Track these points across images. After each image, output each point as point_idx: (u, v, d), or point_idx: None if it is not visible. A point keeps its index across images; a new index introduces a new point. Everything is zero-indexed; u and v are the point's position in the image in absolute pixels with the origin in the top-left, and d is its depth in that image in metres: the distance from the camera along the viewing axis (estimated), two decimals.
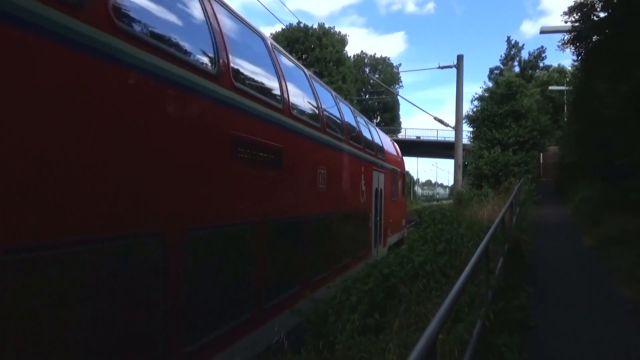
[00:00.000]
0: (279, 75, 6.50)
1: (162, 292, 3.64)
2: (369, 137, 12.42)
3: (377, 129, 15.43)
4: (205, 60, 4.55)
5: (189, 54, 4.27)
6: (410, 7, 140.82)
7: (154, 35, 3.75)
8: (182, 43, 4.22)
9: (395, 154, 16.71)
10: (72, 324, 2.89)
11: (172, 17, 4.27)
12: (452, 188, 29.53)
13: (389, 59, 78.34)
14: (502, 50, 66.32)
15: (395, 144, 17.68)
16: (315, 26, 57.27)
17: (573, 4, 12.18)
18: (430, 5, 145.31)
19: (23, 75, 2.62)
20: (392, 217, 14.41)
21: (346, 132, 9.80)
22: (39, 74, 2.72)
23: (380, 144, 13.97)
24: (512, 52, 61.23)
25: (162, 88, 3.78)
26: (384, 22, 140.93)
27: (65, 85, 2.88)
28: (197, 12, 4.59)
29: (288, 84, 6.71)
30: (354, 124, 11.06)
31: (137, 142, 3.47)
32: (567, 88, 31.10)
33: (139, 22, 3.65)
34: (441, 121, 24.94)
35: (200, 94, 4.29)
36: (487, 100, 27.01)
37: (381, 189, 12.81)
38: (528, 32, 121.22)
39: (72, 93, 2.92)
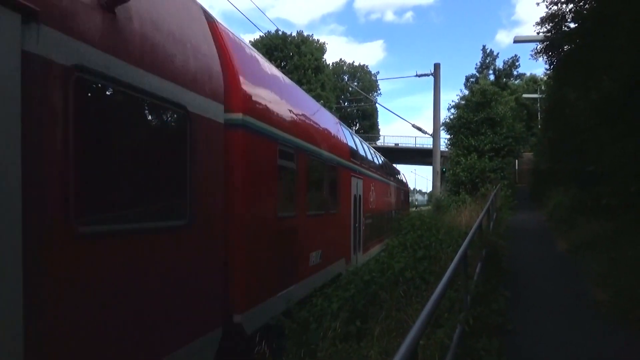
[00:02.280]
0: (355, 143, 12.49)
1: None
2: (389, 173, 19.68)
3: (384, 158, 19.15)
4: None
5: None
6: (389, 16, 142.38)
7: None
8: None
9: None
10: None
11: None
12: (430, 194, 29.85)
13: (367, 66, 79.15)
14: (478, 58, 67.74)
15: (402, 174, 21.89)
16: (294, 34, 57.56)
17: (545, 15, 12.54)
18: (409, 15, 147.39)
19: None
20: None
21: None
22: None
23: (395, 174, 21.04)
24: (487, 61, 62.56)
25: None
26: (363, 30, 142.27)
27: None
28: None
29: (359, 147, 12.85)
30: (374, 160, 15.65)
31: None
32: (540, 96, 31.94)
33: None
34: (419, 128, 25.27)
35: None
36: (463, 107, 27.50)
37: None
38: (503, 42, 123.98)
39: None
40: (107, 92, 3.27)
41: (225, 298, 4.70)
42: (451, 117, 28.07)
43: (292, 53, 55.92)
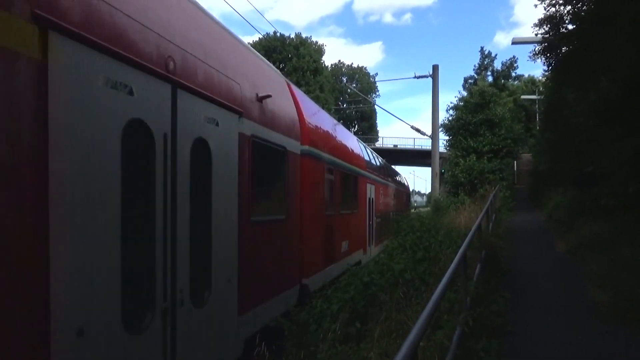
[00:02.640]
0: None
1: None
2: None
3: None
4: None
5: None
6: (388, 18, 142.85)
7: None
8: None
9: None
10: None
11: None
12: (429, 196, 29.91)
13: (365, 68, 79.24)
14: (477, 60, 67.74)
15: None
16: (293, 36, 57.60)
17: (543, 17, 12.57)
18: (408, 16, 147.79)
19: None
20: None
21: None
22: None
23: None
24: (485, 62, 62.56)
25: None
26: (361, 32, 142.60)
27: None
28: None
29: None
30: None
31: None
32: (539, 97, 31.99)
33: None
34: (418, 130, 25.30)
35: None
36: (462, 109, 27.55)
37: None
38: (501, 43, 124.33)
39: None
40: (261, 145, 5.74)
41: (299, 268, 7.20)
42: (450, 118, 28.16)
43: (291, 55, 55.93)
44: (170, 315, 3.62)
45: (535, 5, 12.65)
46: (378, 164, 16.92)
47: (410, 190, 37.46)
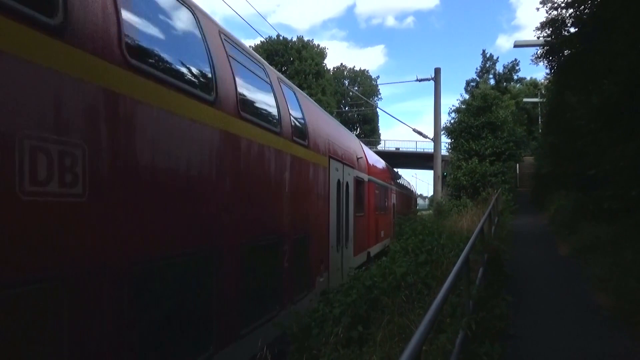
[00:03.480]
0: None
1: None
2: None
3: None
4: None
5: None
6: (390, 21, 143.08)
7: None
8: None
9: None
10: None
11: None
12: (431, 199, 29.93)
13: (367, 71, 79.26)
14: (479, 63, 67.77)
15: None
16: (295, 39, 57.72)
17: (545, 20, 12.59)
18: (410, 20, 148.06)
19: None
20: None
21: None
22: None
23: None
24: (487, 65, 62.58)
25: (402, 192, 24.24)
26: (364, 35, 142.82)
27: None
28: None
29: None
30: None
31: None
32: (541, 100, 31.96)
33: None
34: (420, 133, 25.31)
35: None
36: (464, 112, 27.53)
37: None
38: (503, 46, 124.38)
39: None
40: (358, 180, 12.04)
41: (367, 242, 13.24)
42: (452, 121, 28.12)
43: (293, 58, 56.05)
44: (341, 248, 10.09)
45: (537, 9, 12.68)
46: (397, 177, 24.09)
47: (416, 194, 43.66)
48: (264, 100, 6.32)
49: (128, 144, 3.34)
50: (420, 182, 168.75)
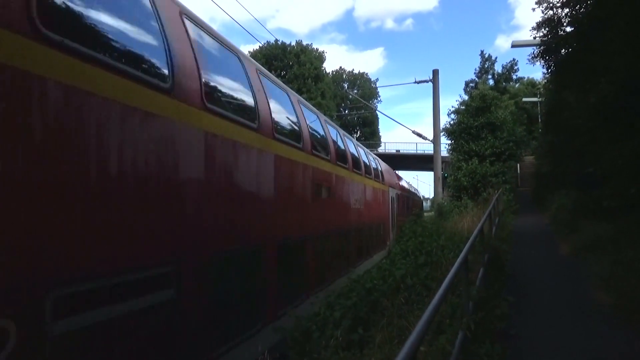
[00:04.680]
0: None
1: None
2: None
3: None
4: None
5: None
6: (389, 24, 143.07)
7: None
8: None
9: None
10: None
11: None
12: (432, 200, 29.98)
13: (367, 74, 79.41)
14: (477, 63, 67.86)
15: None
16: (293, 43, 57.83)
17: (541, 20, 12.63)
18: (409, 22, 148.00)
19: None
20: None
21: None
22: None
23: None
24: (486, 66, 62.73)
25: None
26: (363, 38, 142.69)
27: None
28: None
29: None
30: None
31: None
32: (540, 99, 31.97)
33: None
34: (420, 134, 25.32)
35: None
36: (463, 113, 27.55)
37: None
38: (502, 47, 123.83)
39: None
40: (397, 195, 19.23)
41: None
42: (451, 122, 28.15)
43: (292, 62, 56.16)
44: (394, 232, 17.08)
45: (533, 9, 12.72)
46: (413, 188, 32.07)
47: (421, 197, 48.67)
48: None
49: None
50: (422, 184, 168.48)
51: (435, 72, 23.27)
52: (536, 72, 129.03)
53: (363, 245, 11.90)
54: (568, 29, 12.14)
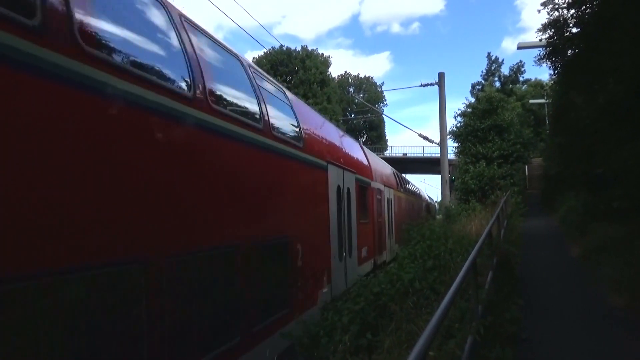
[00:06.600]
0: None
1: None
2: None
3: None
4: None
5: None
6: (396, 28, 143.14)
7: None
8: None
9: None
10: None
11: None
12: (440, 203, 29.85)
13: (372, 78, 79.53)
14: (484, 66, 67.66)
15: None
16: (299, 49, 58.08)
17: (546, 21, 12.56)
18: (415, 25, 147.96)
19: None
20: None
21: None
22: None
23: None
24: (492, 68, 62.55)
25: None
26: (369, 43, 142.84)
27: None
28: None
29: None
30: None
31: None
32: (547, 101, 31.77)
33: None
34: (426, 138, 25.27)
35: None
36: (470, 115, 27.45)
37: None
38: (509, 49, 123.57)
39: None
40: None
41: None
42: (458, 125, 28.05)
43: (297, 68, 56.36)
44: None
45: (539, 10, 12.66)
46: (424, 193, 35.32)
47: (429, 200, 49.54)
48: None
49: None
50: (429, 187, 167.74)
51: (441, 75, 23.24)
52: (543, 73, 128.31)
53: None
54: (574, 29, 12.06)
